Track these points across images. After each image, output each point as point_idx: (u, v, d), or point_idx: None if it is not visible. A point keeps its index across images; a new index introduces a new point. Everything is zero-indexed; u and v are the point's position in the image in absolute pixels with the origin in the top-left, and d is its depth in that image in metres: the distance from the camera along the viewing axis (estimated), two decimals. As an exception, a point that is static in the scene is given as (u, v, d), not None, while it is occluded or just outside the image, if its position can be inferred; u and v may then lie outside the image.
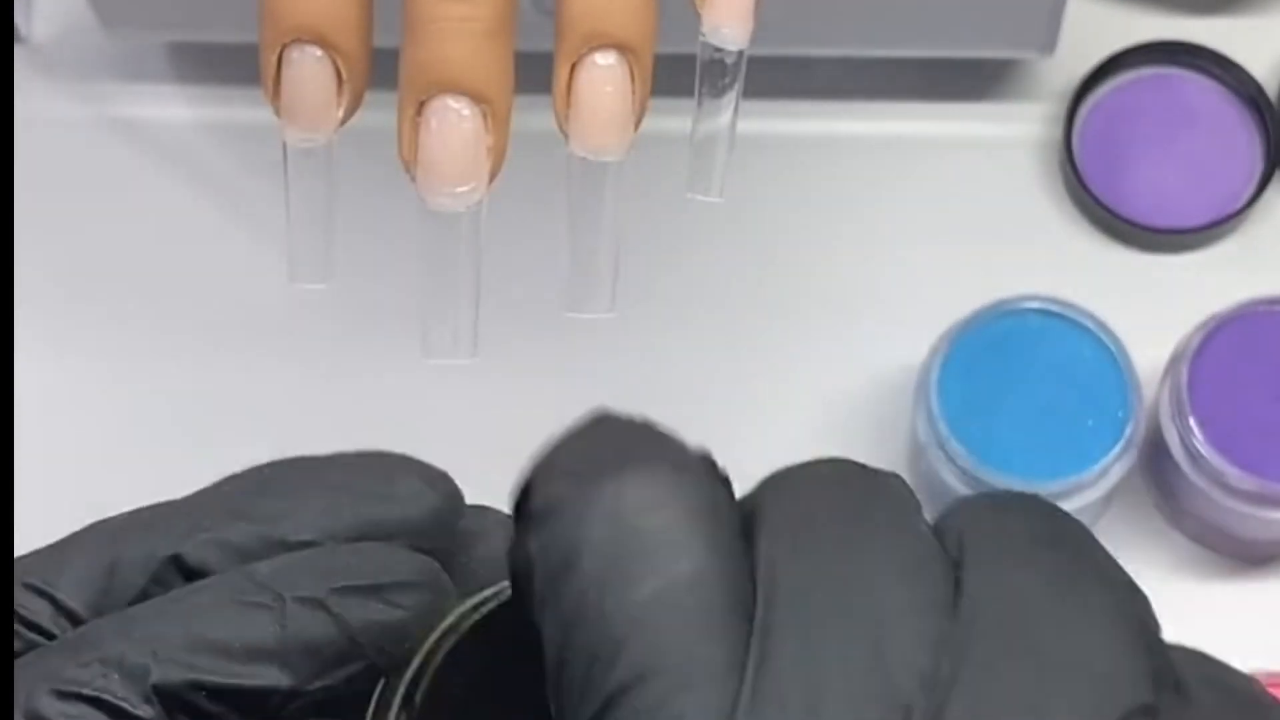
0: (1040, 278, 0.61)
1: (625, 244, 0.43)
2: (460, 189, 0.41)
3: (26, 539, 0.64)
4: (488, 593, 0.34)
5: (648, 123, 0.42)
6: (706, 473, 0.31)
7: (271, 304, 0.64)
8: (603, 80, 0.41)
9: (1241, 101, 0.66)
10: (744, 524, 0.31)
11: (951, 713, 0.26)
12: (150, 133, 0.67)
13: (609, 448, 0.32)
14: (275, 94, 0.41)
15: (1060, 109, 0.66)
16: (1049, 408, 0.58)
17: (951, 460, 0.57)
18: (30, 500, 0.62)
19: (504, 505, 0.65)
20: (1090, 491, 0.57)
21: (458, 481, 0.63)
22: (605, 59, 0.41)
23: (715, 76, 0.43)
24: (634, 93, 0.41)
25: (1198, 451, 0.57)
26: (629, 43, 0.41)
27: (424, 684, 0.32)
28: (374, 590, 0.34)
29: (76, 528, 0.64)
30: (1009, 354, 0.58)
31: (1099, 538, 0.65)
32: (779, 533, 0.30)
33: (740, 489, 0.66)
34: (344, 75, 0.41)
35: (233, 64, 0.66)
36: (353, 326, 0.64)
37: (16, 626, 0.33)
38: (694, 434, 0.66)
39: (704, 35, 0.42)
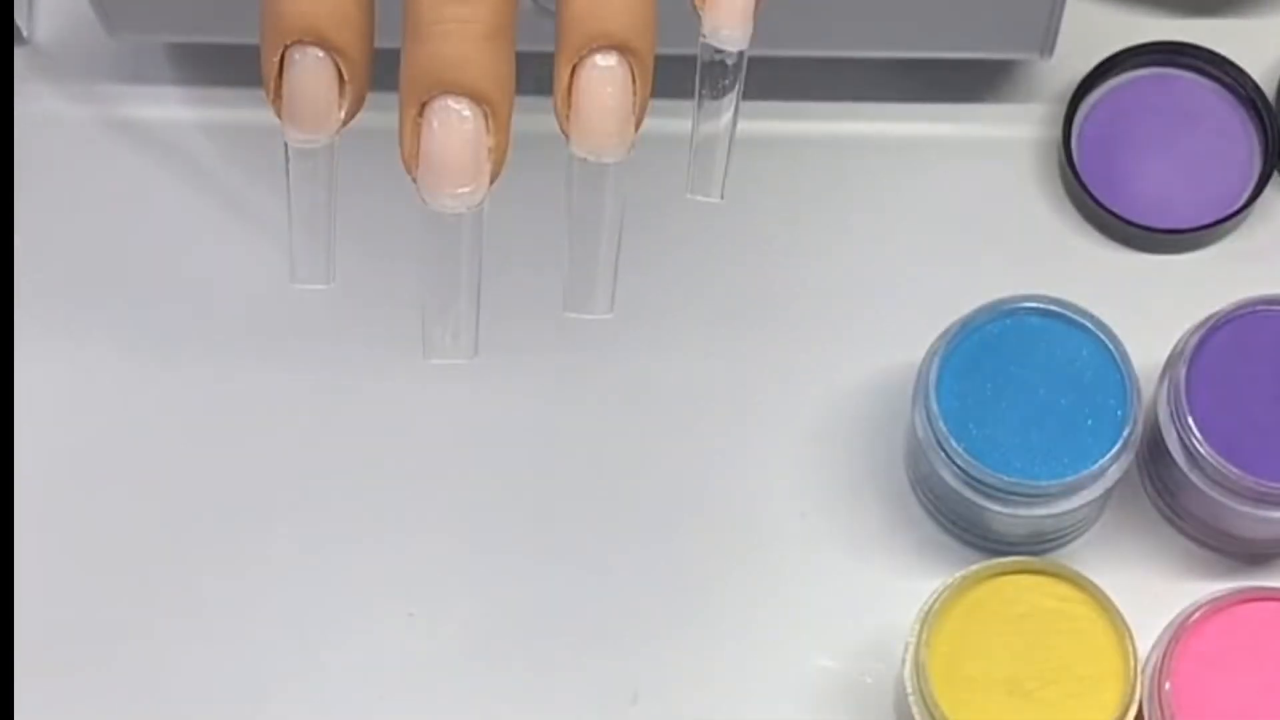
0: (1039, 278, 0.61)
1: (625, 244, 0.43)
2: (461, 190, 0.41)
3: (27, 539, 0.64)
4: None
5: (648, 123, 0.42)
6: None
7: (272, 304, 0.64)
8: (603, 81, 0.41)
9: (1240, 102, 0.66)
10: None
11: None
12: (150, 133, 0.67)
13: None
14: (277, 95, 0.41)
15: (1059, 110, 0.66)
16: (1048, 407, 0.58)
17: (951, 460, 0.57)
18: (31, 500, 0.63)
19: (506, 501, 0.66)
20: (1089, 491, 0.57)
21: (458, 481, 0.64)
22: (606, 60, 0.41)
23: (715, 77, 0.43)
24: (634, 94, 0.41)
25: (1196, 451, 0.57)
26: (629, 44, 0.41)
27: None
28: None
29: (76, 528, 0.65)
30: (1008, 354, 0.58)
31: (1098, 537, 0.66)
32: None
33: (737, 488, 0.67)
34: (346, 76, 0.41)
35: (234, 65, 0.66)
36: (353, 327, 0.64)
37: None
38: (693, 434, 0.67)
39: (704, 36, 0.43)
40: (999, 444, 0.57)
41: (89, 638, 0.62)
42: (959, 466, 0.57)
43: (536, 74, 0.44)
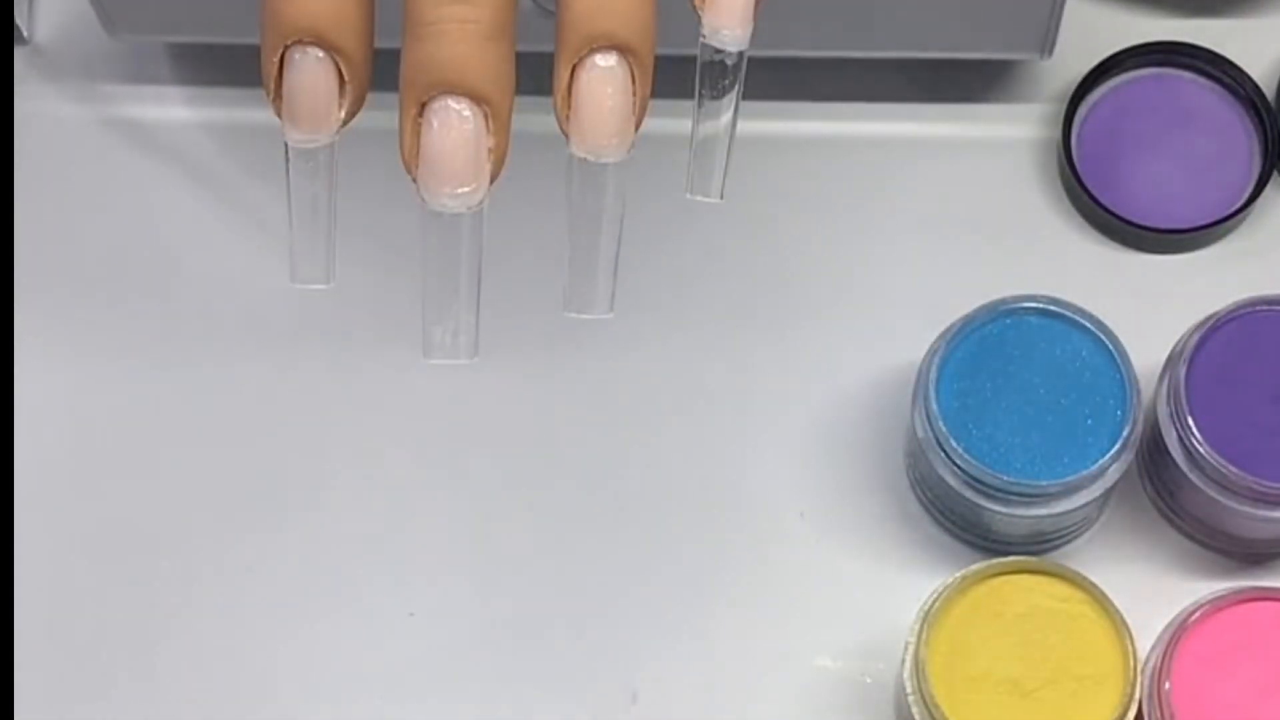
0: (1039, 278, 0.61)
1: (625, 244, 0.43)
2: (461, 190, 0.41)
3: (27, 539, 0.64)
4: None
5: (648, 123, 0.42)
6: None
7: (273, 304, 0.64)
8: (603, 81, 0.41)
9: (1240, 102, 0.66)
10: None
11: None
12: (150, 133, 0.67)
13: None
14: (277, 95, 0.41)
15: (1059, 110, 0.66)
16: (1047, 407, 0.58)
17: (950, 460, 0.57)
18: (31, 501, 0.63)
19: (506, 501, 0.66)
20: (1089, 491, 0.57)
21: (457, 480, 0.64)
22: (606, 60, 0.41)
23: (715, 77, 0.43)
24: (634, 94, 0.41)
25: (1196, 450, 0.57)
26: (629, 44, 0.41)
27: None
28: None
29: (76, 529, 0.65)
30: (1008, 354, 0.58)
31: (1098, 537, 0.66)
32: None
33: (737, 488, 0.67)
34: (346, 76, 0.41)
35: (234, 65, 0.66)
36: (353, 327, 0.64)
37: None
38: (693, 433, 0.67)
39: (704, 36, 0.43)
40: (999, 444, 0.57)
41: (89, 637, 0.62)
42: (959, 466, 0.57)
43: (536, 74, 0.44)
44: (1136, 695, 0.56)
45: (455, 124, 0.41)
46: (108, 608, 0.62)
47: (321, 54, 0.41)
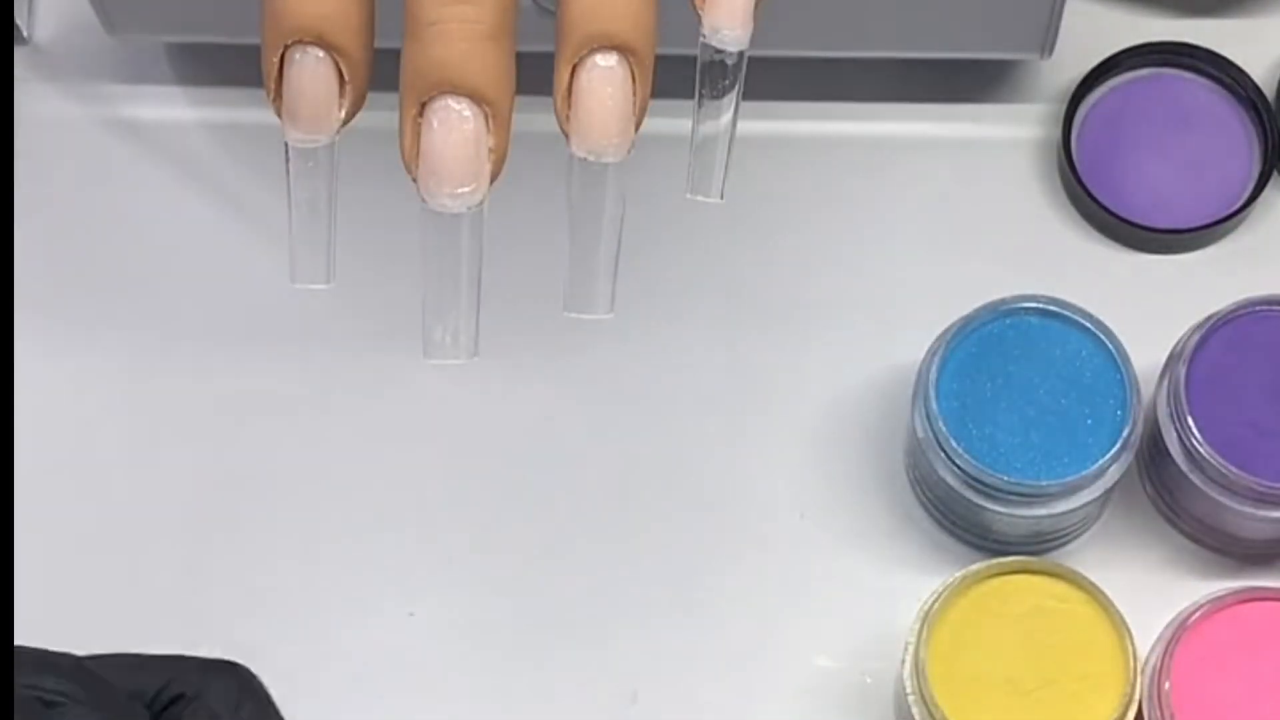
0: (1039, 278, 0.61)
1: (625, 244, 0.43)
2: (461, 190, 0.41)
3: (26, 539, 0.64)
4: None
5: (648, 123, 0.42)
6: None
7: (273, 305, 0.64)
8: (603, 81, 0.41)
9: (1240, 102, 0.66)
10: None
11: None
12: (150, 133, 0.67)
13: None
14: (277, 95, 0.41)
15: (1059, 110, 0.66)
16: (1047, 407, 0.58)
17: (950, 460, 0.57)
18: (30, 501, 0.63)
19: (506, 501, 0.65)
20: (1088, 491, 0.57)
21: (457, 480, 0.64)
22: (606, 60, 0.41)
23: (715, 77, 0.43)
24: (635, 94, 0.41)
25: (1196, 451, 0.57)
26: (630, 44, 0.41)
27: None
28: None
29: (75, 528, 0.65)
30: (1007, 354, 0.58)
31: (1098, 537, 0.66)
32: None
33: (737, 488, 0.67)
34: (346, 76, 0.41)
35: (234, 65, 0.66)
36: (354, 327, 0.64)
37: None
38: (693, 434, 0.67)
39: (704, 36, 0.43)
40: (999, 444, 0.57)
41: (89, 638, 0.62)
42: (959, 466, 0.57)
43: (536, 74, 0.44)
44: (1136, 695, 0.56)
45: (456, 124, 0.41)
46: (107, 606, 0.62)
47: (322, 54, 0.41)
